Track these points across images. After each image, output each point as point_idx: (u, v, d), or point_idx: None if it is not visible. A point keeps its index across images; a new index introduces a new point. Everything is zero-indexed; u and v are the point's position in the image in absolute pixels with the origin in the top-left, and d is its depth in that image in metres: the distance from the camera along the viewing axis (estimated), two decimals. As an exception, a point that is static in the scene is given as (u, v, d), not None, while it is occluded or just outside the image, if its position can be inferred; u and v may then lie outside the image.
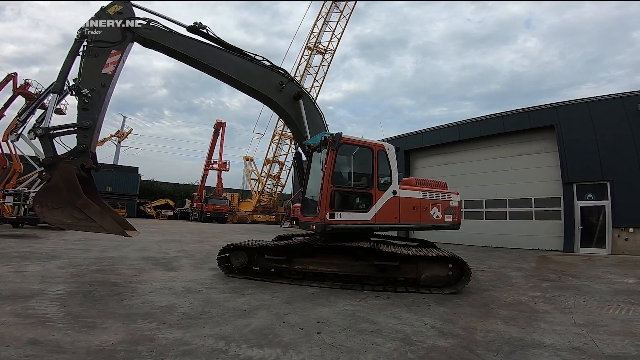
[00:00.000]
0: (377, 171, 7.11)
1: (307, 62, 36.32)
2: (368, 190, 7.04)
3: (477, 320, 4.83)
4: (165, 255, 9.91)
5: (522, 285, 7.45)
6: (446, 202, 8.27)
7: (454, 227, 8.39)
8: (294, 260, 6.90)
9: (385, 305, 5.46)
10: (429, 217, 7.83)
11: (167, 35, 6.31)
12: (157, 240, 14.03)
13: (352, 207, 6.98)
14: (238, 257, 7.15)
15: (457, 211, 8.41)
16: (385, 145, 7.42)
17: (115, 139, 52.27)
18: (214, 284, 6.45)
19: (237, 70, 6.70)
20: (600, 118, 14.52)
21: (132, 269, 7.56)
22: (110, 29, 6.02)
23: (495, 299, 6.10)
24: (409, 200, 7.54)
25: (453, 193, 8.57)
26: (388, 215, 7.16)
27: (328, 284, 6.56)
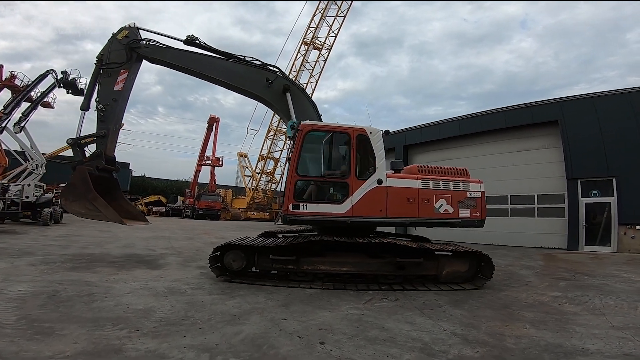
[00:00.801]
0: (355, 158, 6.32)
1: (304, 57, 35.67)
2: (343, 179, 6.30)
3: (501, 324, 4.25)
4: (151, 252, 9.21)
5: (538, 284, 6.93)
6: (461, 193, 6.81)
7: (474, 224, 6.86)
8: (302, 260, 5.97)
9: (395, 309, 4.84)
10: (432, 210, 6.60)
11: (164, 51, 7.02)
12: (144, 237, 13.30)
13: (323, 198, 6.41)
14: (235, 258, 5.98)
15: (478, 204, 6.85)
16: (368, 129, 6.47)
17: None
18: (201, 284, 5.78)
19: (227, 75, 7.04)
20: (605, 113, 14.10)
21: (111, 267, 6.87)
22: (118, 51, 6.90)
23: (514, 300, 5.56)
24: (400, 191, 6.48)
25: (473, 182, 6.99)
26: (370, 208, 6.25)
27: (336, 284, 5.98)
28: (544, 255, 12.29)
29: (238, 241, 6.19)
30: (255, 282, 5.84)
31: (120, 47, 6.91)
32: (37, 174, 21.92)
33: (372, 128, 6.54)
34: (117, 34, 6.95)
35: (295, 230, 7.98)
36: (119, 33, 6.95)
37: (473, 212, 6.83)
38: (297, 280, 5.99)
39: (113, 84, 6.87)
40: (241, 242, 6.15)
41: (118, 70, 6.87)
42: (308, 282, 5.92)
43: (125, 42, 6.92)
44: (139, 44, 6.97)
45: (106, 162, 6.78)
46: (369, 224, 6.69)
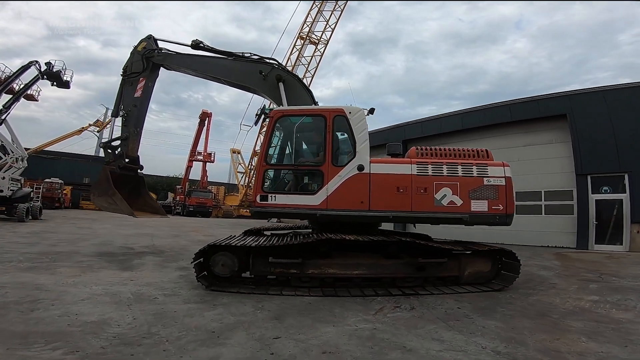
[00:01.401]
0: (332, 142, 5.52)
1: (299, 52, 34.61)
2: (316, 167, 5.57)
3: (550, 337, 3.46)
4: (128, 250, 8.22)
5: (566, 287, 6.14)
6: (474, 180, 5.47)
7: (495, 221, 5.45)
8: (307, 263, 5.02)
9: (413, 320, 3.95)
10: (431, 202, 5.42)
11: (173, 57, 7.51)
12: (126, 234, 12.26)
13: (295, 188, 5.73)
14: (225, 262, 4.97)
15: (501, 194, 5.41)
16: (347, 108, 5.68)
17: (94, 128, 49.34)
18: (178, 288, 4.84)
19: (227, 72, 7.16)
20: (617, 107, 13.44)
21: (75, 267, 5.89)
22: (137, 62, 7.52)
23: (549, 306, 4.77)
24: (387, 179, 5.45)
25: (494, 165, 5.58)
26: (348, 199, 5.36)
27: (338, 289, 5.06)
28: (555, 254, 11.52)
29: (226, 241, 5.14)
30: (254, 292, 4.77)
31: (139, 57, 7.50)
32: (16, 167, 20.71)
33: (353, 107, 5.71)
34: (137, 46, 7.59)
35: (284, 226, 7.29)
36: (138, 45, 7.57)
37: (493, 205, 5.41)
38: (294, 287, 5.02)
39: (134, 91, 7.52)
40: (229, 242, 5.10)
41: (138, 78, 7.51)
42: (306, 289, 4.97)
43: (142, 53, 7.50)
44: (152, 54, 7.43)
45: (130, 162, 7.46)
46: (346, 219, 5.56)
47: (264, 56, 7.10)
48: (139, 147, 7.69)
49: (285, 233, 6.70)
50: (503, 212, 5.47)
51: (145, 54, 7.44)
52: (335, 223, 5.66)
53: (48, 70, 32.82)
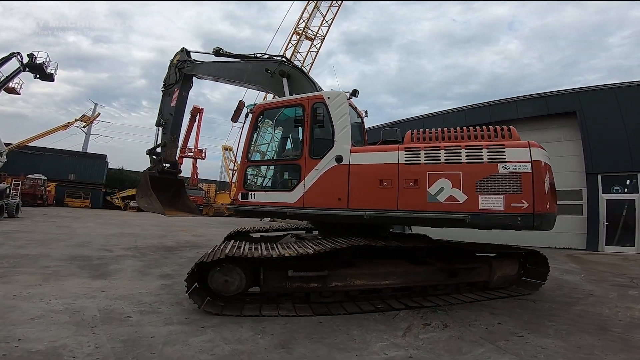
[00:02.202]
0: (310, 133, 4.90)
1: (295, 47, 33.71)
2: (294, 161, 5.03)
3: (630, 357, 2.89)
4: (105, 253, 7.27)
5: (604, 294, 5.50)
6: (484, 168, 4.13)
7: (515, 223, 3.99)
8: (331, 274, 4.08)
9: (453, 342, 3.18)
10: (423, 199, 4.27)
11: (199, 66, 7.89)
12: (108, 234, 11.27)
13: (274, 185, 5.37)
14: (229, 278, 3.81)
15: (525, 186, 3.97)
16: (326, 94, 5.04)
17: (81, 124, 47.58)
18: (158, 303, 3.95)
19: (240, 74, 7.19)
20: (629, 104, 12.94)
21: (37, 275, 4.97)
22: (173, 74, 8.03)
23: (601, 318, 4.20)
24: (368, 171, 4.56)
25: (514, 145, 4.15)
26: (325, 196, 4.66)
27: (345, 303, 4.18)
28: (567, 256, 10.89)
29: (236, 252, 3.90)
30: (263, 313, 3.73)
31: (173, 70, 8.03)
32: (-5, 162, 19.56)
33: (333, 92, 5.02)
34: (172, 60, 8.09)
35: (276, 228, 6.68)
36: (173, 58, 8.06)
37: (513, 201, 3.96)
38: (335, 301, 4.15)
39: (170, 102, 8.03)
40: (236, 251, 3.93)
41: (173, 89, 8.01)
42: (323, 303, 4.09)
43: (175, 65, 8.00)
44: (184, 65, 7.86)
45: (170, 167, 7.94)
46: (321, 218, 4.92)
47: (273, 54, 7.15)
48: (177, 152, 8.42)
49: (282, 235, 6.09)
50: (528, 211, 3.94)
51: (177, 66, 7.96)
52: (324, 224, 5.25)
53: (30, 62, 31.40)
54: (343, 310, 3.94)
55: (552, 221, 4.28)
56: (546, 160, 4.17)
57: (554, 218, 4.36)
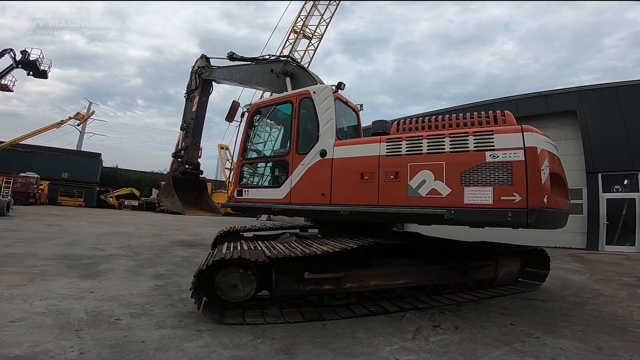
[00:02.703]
0: (297, 128, 4.91)
1: (292, 46, 33.44)
2: (282, 157, 5.04)
3: None
4: (97, 252, 7.00)
5: (614, 294, 5.35)
6: (470, 157, 3.69)
7: (507, 220, 3.47)
8: (347, 275, 3.82)
9: (466, 344, 2.98)
10: (404, 193, 3.95)
11: (215, 71, 8.12)
12: (101, 233, 10.97)
13: (266, 182, 5.42)
14: (238, 281, 3.41)
15: (517, 177, 3.45)
16: (312, 88, 4.99)
17: (75, 122, 46.92)
18: (150, 305, 3.70)
19: (250, 77, 7.29)
20: (629, 103, 12.93)
21: (22, 274, 4.70)
22: (193, 80, 8.41)
23: (616, 317, 4.05)
24: (350, 164, 4.34)
25: (505, 131, 3.63)
26: (310, 191, 4.57)
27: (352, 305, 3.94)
28: (569, 256, 10.77)
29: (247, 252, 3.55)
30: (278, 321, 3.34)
31: (194, 76, 8.42)
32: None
33: (318, 86, 4.98)
34: (193, 66, 8.39)
35: (268, 227, 6.59)
36: (194, 65, 8.35)
37: (502, 194, 3.47)
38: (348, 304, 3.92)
39: (192, 106, 8.40)
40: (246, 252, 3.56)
41: (194, 94, 8.38)
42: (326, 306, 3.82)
43: (195, 71, 8.33)
44: (202, 71, 8.18)
45: (193, 168, 8.20)
46: (306, 214, 4.95)
47: (279, 55, 7.35)
48: (200, 154, 8.70)
49: (277, 234, 5.95)
50: (520, 206, 3.39)
51: (197, 72, 8.31)
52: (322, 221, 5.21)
53: (24, 59, 30.87)
54: (350, 313, 3.69)
55: (555, 218, 3.73)
56: (545, 147, 3.62)
57: (559, 215, 3.82)
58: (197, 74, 8.39)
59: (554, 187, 3.63)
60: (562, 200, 3.93)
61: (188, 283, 4.78)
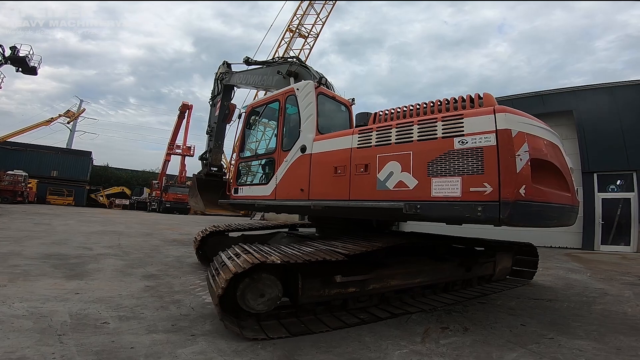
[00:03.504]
0: (283, 125, 4.97)
1: (288, 45, 33.19)
2: (271, 155, 5.08)
3: None
4: (85, 252, 6.70)
5: (619, 293, 5.24)
6: (438, 144, 3.28)
7: (476, 216, 2.98)
8: (373, 277, 3.64)
9: (480, 347, 2.82)
10: (372, 186, 3.67)
11: (233, 76, 8.28)
12: (90, 232, 10.62)
13: (256, 179, 5.44)
14: (263, 290, 2.99)
15: (488, 164, 2.97)
16: (296, 85, 4.98)
17: (65, 119, 46.03)
18: (140, 307, 3.46)
19: (261, 79, 7.36)
20: (625, 103, 12.96)
21: (4, 274, 4.42)
22: (216, 86, 8.69)
23: (627, 317, 3.95)
24: (326, 159, 4.18)
25: (476, 114, 3.17)
26: (291, 187, 4.53)
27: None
28: (566, 255, 10.72)
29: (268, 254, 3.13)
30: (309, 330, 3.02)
31: (217, 82, 8.66)
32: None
33: (302, 83, 4.98)
34: (217, 73, 8.64)
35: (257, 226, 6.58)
36: (217, 71, 8.60)
37: (471, 185, 3.03)
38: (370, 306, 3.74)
39: (215, 111, 8.61)
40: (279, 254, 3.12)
41: (217, 100, 8.57)
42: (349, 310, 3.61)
43: (217, 78, 8.58)
44: (223, 77, 8.39)
45: (217, 170, 8.37)
46: (288, 210, 4.89)
47: (288, 57, 7.77)
48: (222, 157, 8.94)
49: (267, 234, 6.06)
50: (492, 198, 2.90)
51: (218, 78, 8.60)
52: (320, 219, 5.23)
53: (13, 55, 30.17)
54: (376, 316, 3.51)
55: (542, 214, 3.13)
56: (525, 130, 3.06)
57: (551, 210, 3.24)
58: (219, 80, 8.72)
59: (541, 176, 3.09)
60: (556, 193, 3.34)
61: (181, 284, 4.58)
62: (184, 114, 36.75)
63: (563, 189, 3.50)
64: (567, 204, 3.56)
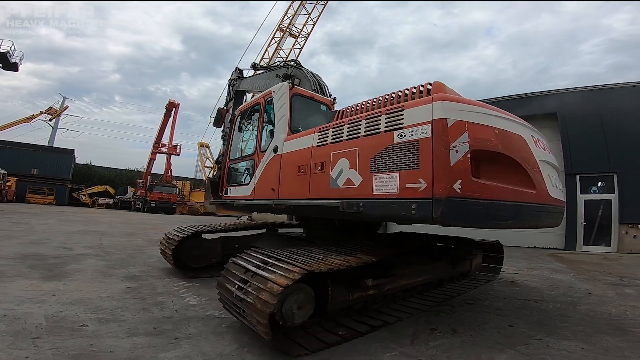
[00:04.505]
0: (261, 127, 5.09)
1: (278, 44, 33.01)
2: (252, 156, 5.18)
3: None
4: (64, 252, 6.47)
5: (603, 293, 5.30)
6: (380, 139, 3.10)
7: (410, 214, 2.72)
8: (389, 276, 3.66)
9: (469, 349, 2.80)
10: (326, 184, 3.55)
11: (242, 82, 8.36)
12: (71, 231, 10.31)
13: (240, 180, 5.57)
14: (301, 302, 2.71)
15: (423, 159, 2.72)
16: (273, 88, 5.06)
17: (47, 117, 44.68)
18: (121, 309, 3.32)
19: (264, 84, 7.32)
20: (608, 107, 13.31)
21: (-24, 275, 4.21)
22: (228, 92, 8.78)
23: (612, 317, 3.97)
24: (293, 158, 4.15)
25: (415, 105, 2.94)
26: (265, 187, 4.60)
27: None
28: (550, 256, 10.91)
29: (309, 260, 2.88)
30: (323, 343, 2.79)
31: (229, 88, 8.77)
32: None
33: (278, 85, 5.03)
34: (230, 79, 8.72)
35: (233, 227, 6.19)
36: (231, 76, 8.65)
37: (408, 180, 2.79)
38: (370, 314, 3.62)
39: (229, 116, 8.48)
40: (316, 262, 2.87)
41: (229, 105, 8.56)
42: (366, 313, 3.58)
43: (229, 84, 8.66)
44: (234, 83, 8.46)
45: None
46: (264, 209, 4.81)
47: (288, 60, 7.66)
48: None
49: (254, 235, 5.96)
50: (425, 195, 2.65)
51: (230, 84, 8.77)
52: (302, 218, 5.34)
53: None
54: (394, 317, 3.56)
55: (488, 213, 2.71)
56: (465, 118, 2.73)
57: (502, 208, 2.81)
58: (231, 86, 8.93)
59: (491, 170, 2.78)
60: (512, 190, 2.92)
61: (164, 285, 4.45)
62: (170, 112, 36.20)
63: (524, 185, 3.04)
64: (530, 202, 3.07)
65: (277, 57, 33.08)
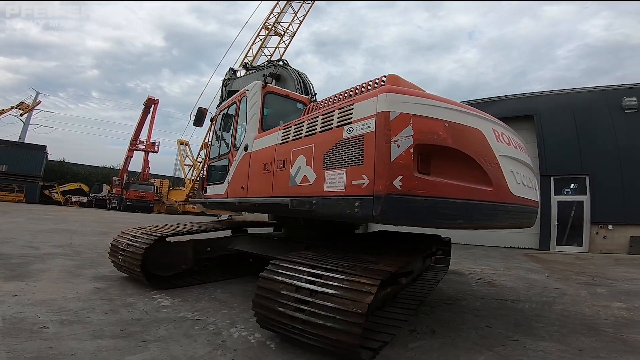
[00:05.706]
0: (236, 126, 5.09)
1: (263, 42, 32.64)
2: (227, 155, 5.19)
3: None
4: (31, 251, 6.14)
5: (576, 293, 5.40)
6: (332, 135, 3.00)
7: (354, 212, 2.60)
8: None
9: (448, 351, 2.80)
10: (286, 182, 3.45)
11: (234, 82, 8.06)
12: (39, 230, 9.84)
13: (217, 179, 5.53)
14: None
15: (367, 154, 2.62)
16: (247, 87, 5.04)
17: (17, 111, 42.66)
18: (87, 310, 3.13)
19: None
20: (582, 110, 13.78)
21: None
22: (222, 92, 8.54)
23: (585, 317, 4.04)
24: (260, 156, 4.10)
25: (362, 99, 2.83)
26: (236, 185, 4.61)
27: None
28: (526, 256, 11.19)
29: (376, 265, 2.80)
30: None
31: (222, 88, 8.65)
32: None
33: (252, 84, 4.97)
34: (224, 78, 8.67)
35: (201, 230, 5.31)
36: (225, 76, 8.59)
37: (353, 177, 2.69)
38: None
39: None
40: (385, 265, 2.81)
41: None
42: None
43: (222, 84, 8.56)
44: (227, 83, 8.28)
45: None
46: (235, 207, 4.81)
47: (275, 59, 7.68)
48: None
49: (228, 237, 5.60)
50: (368, 192, 2.53)
51: (224, 84, 8.69)
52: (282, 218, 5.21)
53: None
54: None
55: (432, 211, 2.51)
56: (410, 110, 2.58)
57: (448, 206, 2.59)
58: (224, 86, 8.89)
59: (440, 166, 2.63)
60: (463, 187, 2.69)
61: (134, 286, 4.25)
62: (149, 109, 35.28)
63: (479, 182, 2.79)
64: (485, 200, 2.83)
65: (262, 55, 32.73)
